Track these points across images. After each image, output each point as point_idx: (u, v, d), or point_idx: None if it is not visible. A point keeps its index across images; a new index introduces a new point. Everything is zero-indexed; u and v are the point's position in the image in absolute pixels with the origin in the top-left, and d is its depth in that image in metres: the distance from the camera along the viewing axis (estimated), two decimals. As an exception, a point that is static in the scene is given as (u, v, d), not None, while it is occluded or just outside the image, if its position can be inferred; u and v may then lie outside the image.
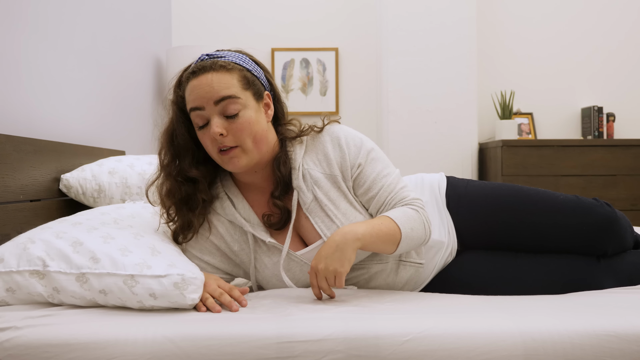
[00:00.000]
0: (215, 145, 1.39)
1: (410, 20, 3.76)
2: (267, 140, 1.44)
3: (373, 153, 1.48)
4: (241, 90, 1.39)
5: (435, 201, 1.62)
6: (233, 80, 1.38)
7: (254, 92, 1.42)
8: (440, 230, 1.57)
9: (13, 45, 1.89)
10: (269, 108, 1.46)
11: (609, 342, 1.14)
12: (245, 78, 1.41)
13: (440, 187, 1.64)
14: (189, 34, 4.02)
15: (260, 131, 1.41)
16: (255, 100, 1.42)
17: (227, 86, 1.37)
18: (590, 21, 4.14)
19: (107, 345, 1.11)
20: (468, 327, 1.16)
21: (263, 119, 1.43)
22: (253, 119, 1.39)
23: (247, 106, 1.39)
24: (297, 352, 1.12)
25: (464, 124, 3.79)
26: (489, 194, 1.63)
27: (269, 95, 1.47)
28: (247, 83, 1.41)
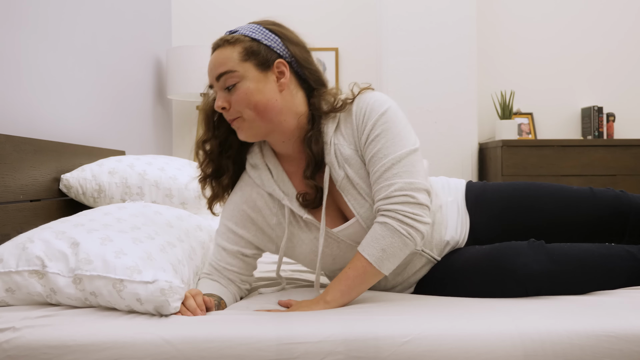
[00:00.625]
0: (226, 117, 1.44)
1: (410, 20, 3.76)
2: (278, 109, 1.41)
3: (382, 122, 1.40)
4: (239, 63, 1.40)
5: (459, 202, 1.61)
6: (233, 54, 1.41)
7: (256, 62, 1.41)
8: (460, 230, 1.57)
9: (13, 45, 1.89)
10: (283, 76, 1.42)
11: (608, 342, 1.14)
12: (247, 49, 1.41)
13: (460, 190, 1.64)
14: (189, 34, 4.02)
15: (262, 100, 1.40)
16: (259, 70, 1.41)
17: (224, 62, 1.41)
18: (590, 21, 4.14)
19: (106, 348, 1.11)
20: (467, 328, 1.16)
21: (269, 88, 1.41)
22: (251, 89, 1.39)
23: (245, 77, 1.40)
24: (296, 354, 1.12)
25: (464, 124, 3.79)
26: (503, 188, 1.64)
27: (283, 62, 1.42)
28: (248, 54, 1.40)
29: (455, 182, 1.68)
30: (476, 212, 1.59)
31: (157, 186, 2.08)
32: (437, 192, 1.60)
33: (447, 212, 1.57)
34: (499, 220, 1.58)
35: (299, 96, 1.45)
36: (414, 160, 1.39)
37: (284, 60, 1.42)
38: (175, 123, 4.03)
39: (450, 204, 1.59)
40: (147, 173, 2.08)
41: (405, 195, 1.35)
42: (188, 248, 1.52)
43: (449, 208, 1.58)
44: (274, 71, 1.42)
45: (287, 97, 1.43)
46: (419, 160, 1.40)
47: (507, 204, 1.60)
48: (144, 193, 2.05)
